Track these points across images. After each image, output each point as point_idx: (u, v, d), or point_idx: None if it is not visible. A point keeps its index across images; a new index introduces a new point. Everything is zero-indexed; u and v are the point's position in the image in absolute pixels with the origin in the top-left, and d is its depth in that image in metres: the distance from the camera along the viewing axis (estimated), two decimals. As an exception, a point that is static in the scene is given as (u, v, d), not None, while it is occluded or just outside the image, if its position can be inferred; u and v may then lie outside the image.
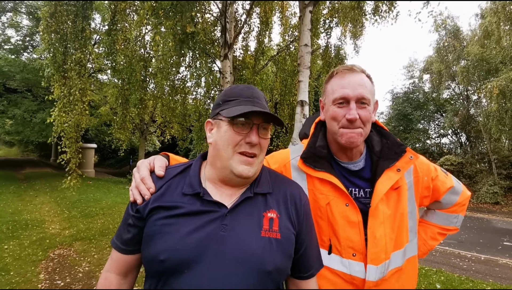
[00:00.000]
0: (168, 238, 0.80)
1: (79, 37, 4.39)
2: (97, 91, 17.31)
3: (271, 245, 0.83)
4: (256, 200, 0.89)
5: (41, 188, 13.54)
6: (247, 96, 0.88)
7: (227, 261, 0.78)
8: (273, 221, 0.86)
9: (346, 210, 1.05)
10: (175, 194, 0.87)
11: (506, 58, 13.31)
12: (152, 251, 0.80)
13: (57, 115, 4.40)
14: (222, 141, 0.87)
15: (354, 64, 1.11)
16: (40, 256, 5.06)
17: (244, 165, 0.85)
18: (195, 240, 0.79)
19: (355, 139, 1.04)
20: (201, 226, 0.81)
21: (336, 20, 6.99)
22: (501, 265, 6.05)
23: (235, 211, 0.85)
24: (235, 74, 7.02)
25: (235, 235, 0.81)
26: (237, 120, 0.84)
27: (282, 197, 0.93)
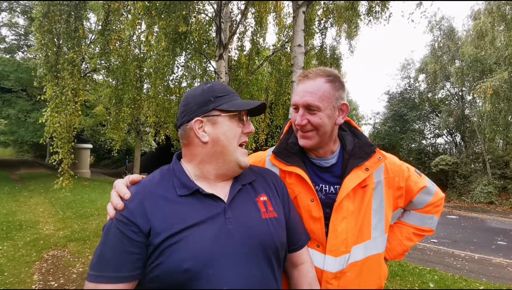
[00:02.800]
0: (185, 247, 0.79)
1: (72, 36, 4.37)
2: (93, 91, 17.22)
3: (273, 224, 0.90)
4: (245, 189, 0.95)
5: (35, 188, 13.45)
6: (232, 92, 0.94)
7: (242, 250, 0.83)
8: (267, 203, 0.94)
9: (310, 205, 1.10)
10: (171, 200, 0.85)
11: (500, 58, 13.42)
12: (171, 263, 0.77)
13: (49, 116, 4.37)
14: (227, 136, 0.90)
15: (311, 70, 1.14)
16: (34, 257, 5.03)
17: (245, 156, 0.93)
18: (210, 240, 0.81)
19: (306, 142, 1.12)
20: (209, 224, 0.83)
21: (331, 20, 7.02)
22: (495, 264, 6.10)
23: (232, 203, 0.89)
24: (230, 75, 7.02)
25: (240, 225, 0.86)
26: (240, 114, 0.92)
27: (264, 181, 1.02)
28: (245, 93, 7.72)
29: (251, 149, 8.34)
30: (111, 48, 5.02)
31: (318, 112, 1.07)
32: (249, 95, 7.79)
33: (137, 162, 16.01)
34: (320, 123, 1.07)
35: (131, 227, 0.80)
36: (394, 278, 4.56)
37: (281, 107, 7.70)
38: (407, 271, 4.95)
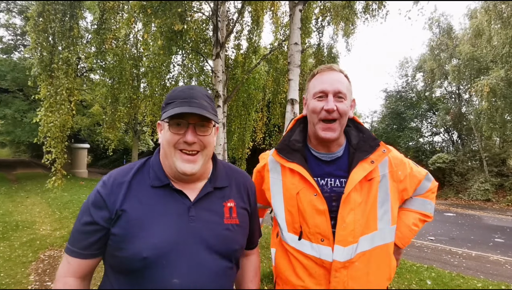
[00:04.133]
0: (145, 236, 0.86)
1: (67, 36, 4.34)
2: (89, 91, 17.15)
3: (233, 229, 0.98)
4: (216, 192, 1.01)
5: (32, 189, 13.38)
6: (184, 98, 0.93)
7: (200, 248, 0.90)
8: (232, 210, 1.00)
9: (313, 199, 1.14)
10: (143, 189, 0.93)
11: (496, 57, 13.47)
12: (131, 251, 0.85)
13: (43, 115, 4.34)
14: (165, 142, 0.95)
15: (333, 64, 1.24)
16: (30, 258, 5.00)
17: (186, 163, 0.93)
18: (172, 232, 0.88)
19: (331, 134, 1.16)
20: (173, 219, 0.90)
21: (328, 18, 7.01)
22: (492, 262, 6.12)
23: (199, 203, 0.96)
24: (227, 73, 7.01)
25: (202, 225, 0.92)
26: (173, 121, 0.92)
27: (237, 187, 1.07)
28: (242, 92, 7.71)
29: (248, 148, 8.34)
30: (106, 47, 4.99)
31: (345, 100, 1.16)
32: (246, 94, 7.78)
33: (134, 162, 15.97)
34: (346, 111, 1.16)
35: (101, 209, 0.89)
36: (392, 276, 4.57)
37: (278, 106, 7.69)
38: (405, 269, 4.96)
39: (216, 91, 5.58)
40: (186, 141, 0.91)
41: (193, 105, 0.91)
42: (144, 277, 0.85)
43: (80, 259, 0.92)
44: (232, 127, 7.92)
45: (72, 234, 0.94)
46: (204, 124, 0.94)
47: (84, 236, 0.91)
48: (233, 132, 8.00)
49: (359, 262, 1.11)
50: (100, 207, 0.90)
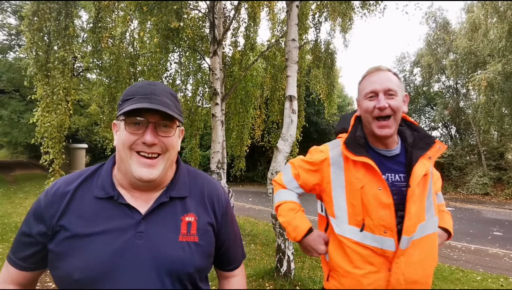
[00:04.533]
0: (81, 255, 0.75)
1: (62, 35, 4.30)
2: (86, 91, 17.07)
3: (189, 248, 0.83)
4: (172, 204, 0.87)
5: (31, 190, 13.35)
6: (144, 94, 0.81)
7: (145, 269, 0.77)
8: (191, 225, 0.85)
9: (378, 193, 1.21)
10: (86, 201, 0.82)
11: (493, 51, 13.47)
12: (64, 270, 0.75)
13: (40, 115, 4.31)
14: (120, 143, 0.82)
15: (380, 65, 1.32)
16: (30, 259, 4.99)
17: (144, 168, 0.80)
18: (110, 253, 0.76)
19: (387, 131, 1.22)
20: (116, 236, 0.78)
21: (325, 14, 6.98)
22: (491, 255, 6.16)
23: (150, 217, 0.82)
24: (225, 71, 6.98)
25: (151, 242, 0.79)
26: (129, 120, 0.80)
27: (200, 198, 0.92)
28: (240, 89, 7.68)
29: (246, 145, 8.33)
30: (103, 46, 4.95)
31: (396, 97, 1.23)
32: (244, 92, 7.76)
33: (133, 161, 15.93)
34: (398, 106, 1.22)
35: (38, 222, 0.80)
36: (392, 270, 4.59)
37: (276, 103, 7.67)
38: (405, 264, 4.98)
39: (214, 89, 5.55)
40: (145, 142, 0.79)
41: (154, 102, 0.79)
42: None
43: (18, 270, 0.83)
44: (230, 125, 7.91)
45: (13, 241, 0.86)
46: (166, 123, 0.83)
47: (21, 246, 0.83)
48: (232, 130, 7.98)
49: (412, 249, 1.19)
50: (38, 218, 0.81)
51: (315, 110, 20.27)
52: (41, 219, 0.80)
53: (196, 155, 8.51)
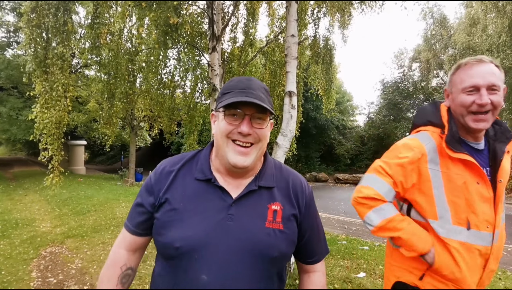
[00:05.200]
0: (182, 227, 0.88)
1: (61, 31, 4.28)
2: (85, 87, 17.01)
3: (275, 235, 0.90)
4: (260, 192, 0.95)
5: (30, 186, 13.36)
6: (242, 88, 0.90)
7: (234, 249, 0.86)
8: (277, 213, 0.93)
9: (478, 187, 1.19)
10: (187, 181, 0.95)
11: (492, 46, 13.47)
12: (167, 238, 0.88)
13: (38, 112, 4.30)
14: (218, 132, 0.92)
15: (482, 56, 1.24)
16: (31, 255, 5.02)
17: (239, 155, 0.90)
18: (205, 229, 0.87)
19: (484, 125, 1.19)
20: (210, 215, 0.89)
21: (324, 10, 6.96)
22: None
23: (240, 202, 0.92)
24: (224, 67, 6.97)
25: (240, 225, 0.88)
26: (229, 111, 0.89)
27: (286, 189, 0.99)
28: (239, 85, 7.69)
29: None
30: (101, 42, 4.94)
31: (498, 92, 1.17)
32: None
33: (132, 158, 15.92)
34: (500, 102, 1.17)
35: (149, 194, 0.96)
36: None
37: (276, 99, 7.67)
38: (403, 257, 5.03)
39: (213, 85, 5.55)
40: (241, 132, 0.89)
41: (250, 96, 0.88)
42: (176, 266, 0.88)
43: (131, 235, 0.99)
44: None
45: (129, 212, 1.02)
46: (260, 116, 0.91)
47: (135, 215, 0.99)
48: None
49: (498, 244, 1.22)
50: (149, 191, 0.96)
51: (314, 105, 20.28)
52: (151, 192, 0.95)
53: (195, 151, 8.51)
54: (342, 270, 4.24)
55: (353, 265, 4.53)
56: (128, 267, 1.00)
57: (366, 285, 3.75)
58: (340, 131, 25.37)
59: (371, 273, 4.24)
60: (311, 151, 23.44)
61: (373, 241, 6.27)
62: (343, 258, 4.81)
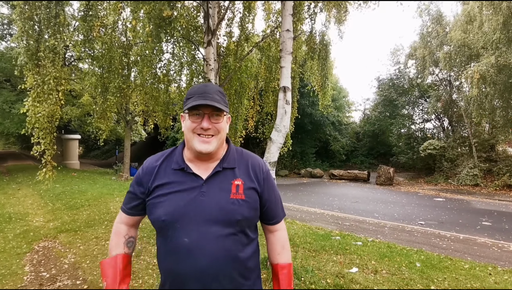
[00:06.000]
0: (165, 205, 1.15)
1: (53, 23, 4.20)
2: (78, 81, 16.80)
3: (238, 203, 1.16)
4: (225, 172, 1.22)
5: (23, 180, 13.26)
6: (200, 93, 1.16)
7: (207, 217, 1.12)
8: (239, 187, 1.19)
9: None
10: (167, 171, 1.22)
11: (487, 43, 13.53)
12: (156, 215, 1.16)
13: (30, 106, 4.23)
14: (186, 129, 1.19)
15: None
16: (24, 249, 5.00)
17: (202, 144, 1.15)
18: (183, 205, 1.13)
19: None
20: (186, 194, 1.15)
21: (321, 5, 6.92)
22: (479, 244, 6.31)
23: (210, 181, 1.18)
24: (219, 61, 6.92)
25: (211, 198, 1.15)
26: (192, 112, 1.16)
27: (245, 168, 1.26)
28: (234, 80, 7.64)
29: (240, 137, 8.32)
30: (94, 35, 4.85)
31: None
32: (238, 82, 7.71)
33: (127, 152, 15.84)
34: None
35: (139, 185, 1.24)
36: (383, 259, 4.69)
37: (270, 94, 7.64)
38: (395, 252, 5.10)
39: (208, 80, 5.52)
40: (202, 127, 1.14)
41: (207, 99, 1.13)
42: (165, 236, 1.15)
43: (126, 215, 1.30)
44: (224, 116, 7.87)
45: (124, 198, 1.32)
46: (217, 113, 1.16)
47: (128, 200, 1.29)
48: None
49: None
50: (138, 183, 1.25)
51: (310, 101, 20.26)
52: (140, 184, 1.24)
53: (190, 146, 8.47)
54: (335, 265, 4.28)
55: (346, 260, 4.57)
56: (130, 235, 1.32)
57: (359, 280, 3.79)
58: (336, 128, 25.42)
59: (363, 268, 4.28)
60: (307, 147, 23.48)
61: (366, 236, 6.34)
62: (336, 254, 4.85)
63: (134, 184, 1.27)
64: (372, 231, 7.05)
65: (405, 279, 3.93)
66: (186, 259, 1.11)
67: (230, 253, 1.13)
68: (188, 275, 1.11)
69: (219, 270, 1.11)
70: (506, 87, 13.34)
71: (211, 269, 1.11)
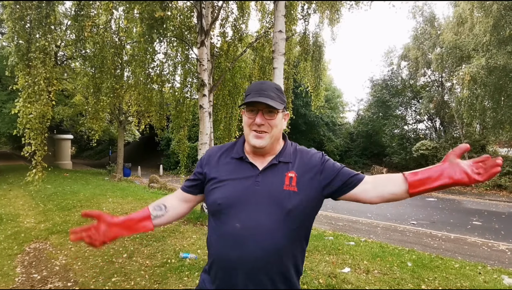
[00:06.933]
0: (222, 190, 1.23)
1: (44, 23, 4.16)
2: (71, 80, 16.63)
3: (289, 194, 1.19)
4: (280, 165, 1.26)
5: (14, 181, 13.08)
6: (257, 90, 1.22)
7: (259, 205, 1.17)
8: (292, 179, 1.22)
9: None
10: (227, 160, 1.31)
11: (478, 45, 13.73)
12: (213, 198, 1.23)
13: (21, 106, 4.19)
14: (244, 123, 1.27)
15: None
16: (15, 250, 4.93)
17: (256, 139, 1.22)
18: (239, 191, 1.20)
19: None
20: (243, 181, 1.22)
21: (314, 6, 6.97)
22: (470, 243, 6.41)
23: (265, 172, 1.24)
24: (213, 62, 6.92)
25: (264, 188, 1.20)
26: (248, 108, 1.23)
27: (300, 163, 1.28)
28: (228, 81, 7.64)
29: (234, 137, 8.33)
30: (86, 34, 4.81)
31: None
32: (232, 83, 7.72)
33: (120, 152, 15.73)
34: None
35: (199, 169, 1.35)
36: (375, 259, 4.73)
37: (264, 95, 7.66)
38: (387, 252, 5.14)
39: (201, 80, 5.52)
40: (256, 123, 1.20)
41: (261, 96, 1.19)
42: (219, 219, 1.21)
43: (182, 191, 1.40)
44: (218, 116, 7.88)
45: (187, 178, 1.43)
46: (271, 110, 1.20)
47: (188, 181, 1.40)
48: (220, 121, 7.95)
49: None
50: (201, 167, 1.34)
51: (304, 102, 20.34)
52: (201, 168, 1.34)
53: (184, 146, 8.47)
54: (327, 266, 4.30)
55: (338, 260, 4.60)
56: (164, 204, 1.38)
57: (351, 280, 3.82)
58: (330, 128, 25.55)
59: (355, 268, 4.32)
60: (301, 147, 23.52)
61: (359, 236, 6.38)
62: (329, 254, 4.88)
63: (198, 166, 1.39)
64: (365, 231, 7.11)
65: (397, 279, 3.97)
66: (235, 245, 1.16)
67: (279, 247, 1.16)
68: (236, 262, 1.16)
69: (266, 263, 1.15)
70: (496, 89, 13.55)
71: (260, 260, 1.14)
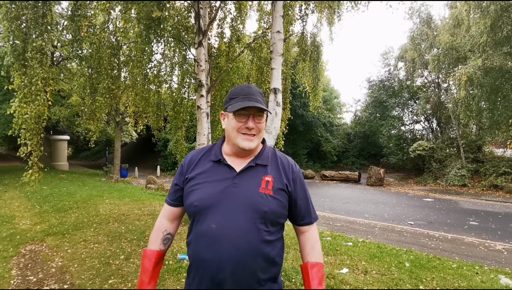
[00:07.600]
0: (199, 192, 1.24)
1: (40, 23, 4.12)
2: (67, 81, 16.53)
3: (266, 197, 1.22)
4: (257, 168, 1.29)
5: (10, 182, 12.99)
6: (245, 94, 1.25)
7: (235, 206, 1.19)
8: (269, 183, 1.25)
9: None
10: (205, 163, 1.32)
11: (474, 46, 13.82)
12: (190, 201, 1.25)
13: (17, 106, 4.15)
14: (230, 127, 1.27)
15: None
16: (11, 252, 4.88)
17: (246, 141, 1.25)
18: (216, 193, 1.21)
19: None
20: (220, 183, 1.24)
21: (312, 6, 6.96)
22: (467, 243, 6.43)
23: (242, 174, 1.26)
24: (211, 62, 6.90)
25: (241, 190, 1.22)
26: (238, 112, 1.23)
27: (277, 167, 1.33)
28: (226, 81, 7.62)
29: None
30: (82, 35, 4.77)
31: None
32: (230, 84, 7.70)
33: (117, 153, 15.65)
34: None
35: (181, 174, 1.36)
36: (373, 259, 4.73)
37: (262, 96, 7.65)
38: (385, 253, 5.15)
39: (199, 81, 5.49)
40: (248, 127, 1.23)
41: (252, 100, 1.23)
42: (196, 219, 1.23)
43: (170, 206, 1.40)
44: (216, 117, 7.86)
45: (169, 192, 1.42)
46: (260, 114, 1.25)
47: (173, 191, 1.39)
48: (217, 122, 7.93)
49: None
50: (181, 174, 1.36)
51: (301, 103, 20.37)
52: (182, 173, 1.35)
53: (182, 147, 8.44)
54: (325, 266, 4.29)
55: (336, 261, 4.60)
56: (168, 232, 1.40)
57: (349, 280, 3.82)
58: (327, 129, 25.59)
59: (353, 268, 4.31)
60: (298, 148, 23.58)
61: (357, 237, 6.39)
62: (327, 255, 4.88)
63: (178, 175, 1.39)
64: (363, 231, 7.12)
65: (395, 279, 3.97)
66: (210, 245, 1.17)
67: (254, 246, 1.17)
68: (212, 261, 1.17)
69: (241, 261, 1.15)
70: (493, 90, 13.64)
71: (235, 258, 1.15)
